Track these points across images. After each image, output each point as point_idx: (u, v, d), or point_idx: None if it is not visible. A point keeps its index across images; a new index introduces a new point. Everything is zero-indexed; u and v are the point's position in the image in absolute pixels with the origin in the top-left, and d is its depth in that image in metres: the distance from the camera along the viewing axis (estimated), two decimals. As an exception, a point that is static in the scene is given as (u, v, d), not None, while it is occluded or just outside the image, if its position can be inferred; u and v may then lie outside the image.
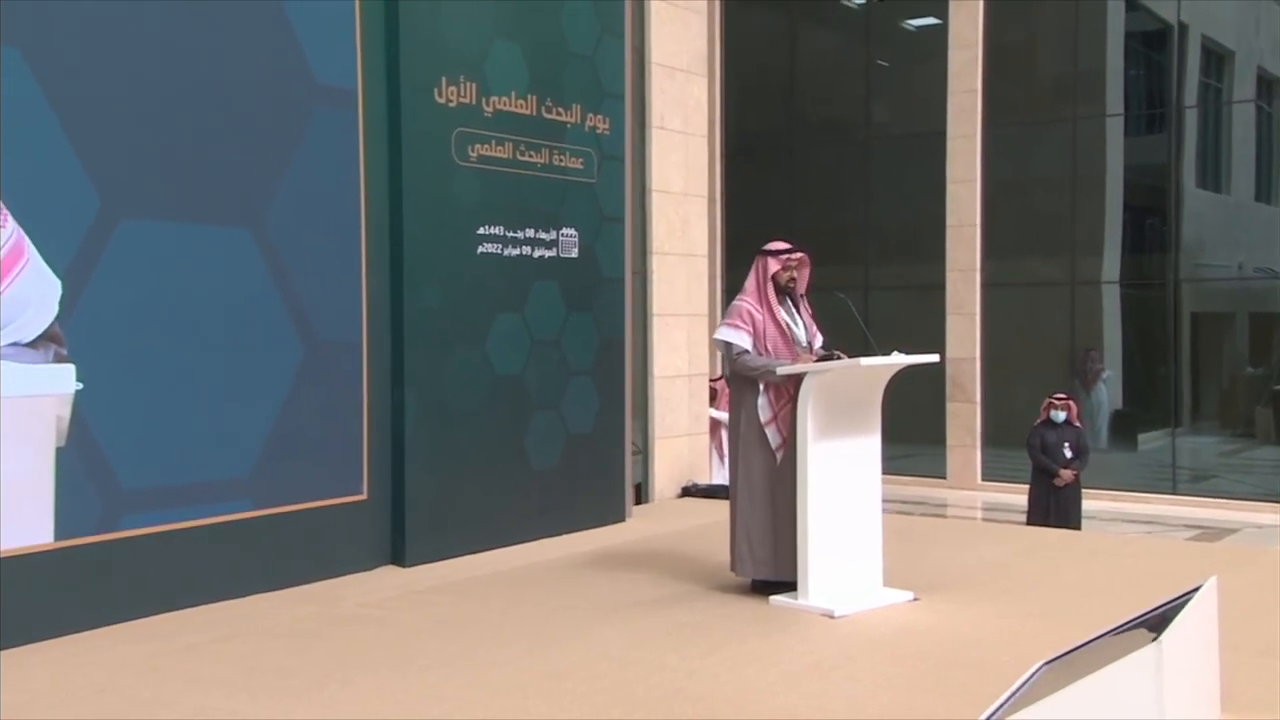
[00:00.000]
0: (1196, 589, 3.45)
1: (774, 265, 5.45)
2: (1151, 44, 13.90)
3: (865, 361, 4.98)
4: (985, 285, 13.37)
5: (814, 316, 5.65)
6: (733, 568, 5.38)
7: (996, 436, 13.08)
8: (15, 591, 4.49)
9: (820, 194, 14.72)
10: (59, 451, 4.68)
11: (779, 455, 5.22)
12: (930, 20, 13.83)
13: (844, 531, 5.11)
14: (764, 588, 5.29)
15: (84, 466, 4.75)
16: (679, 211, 10.03)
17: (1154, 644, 2.98)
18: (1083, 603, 5.10)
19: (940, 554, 6.34)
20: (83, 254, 4.74)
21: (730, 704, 3.85)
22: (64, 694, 3.99)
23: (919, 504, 12.11)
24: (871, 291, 14.22)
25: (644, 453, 9.23)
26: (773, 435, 5.24)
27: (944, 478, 13.49)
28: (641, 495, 8.97)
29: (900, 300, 14.05)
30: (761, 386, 5.25)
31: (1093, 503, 12.11)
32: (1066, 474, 8.70)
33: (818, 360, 5.13)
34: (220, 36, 5.19)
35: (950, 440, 13.48)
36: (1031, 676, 2.81)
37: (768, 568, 5.24)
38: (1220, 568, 5.98)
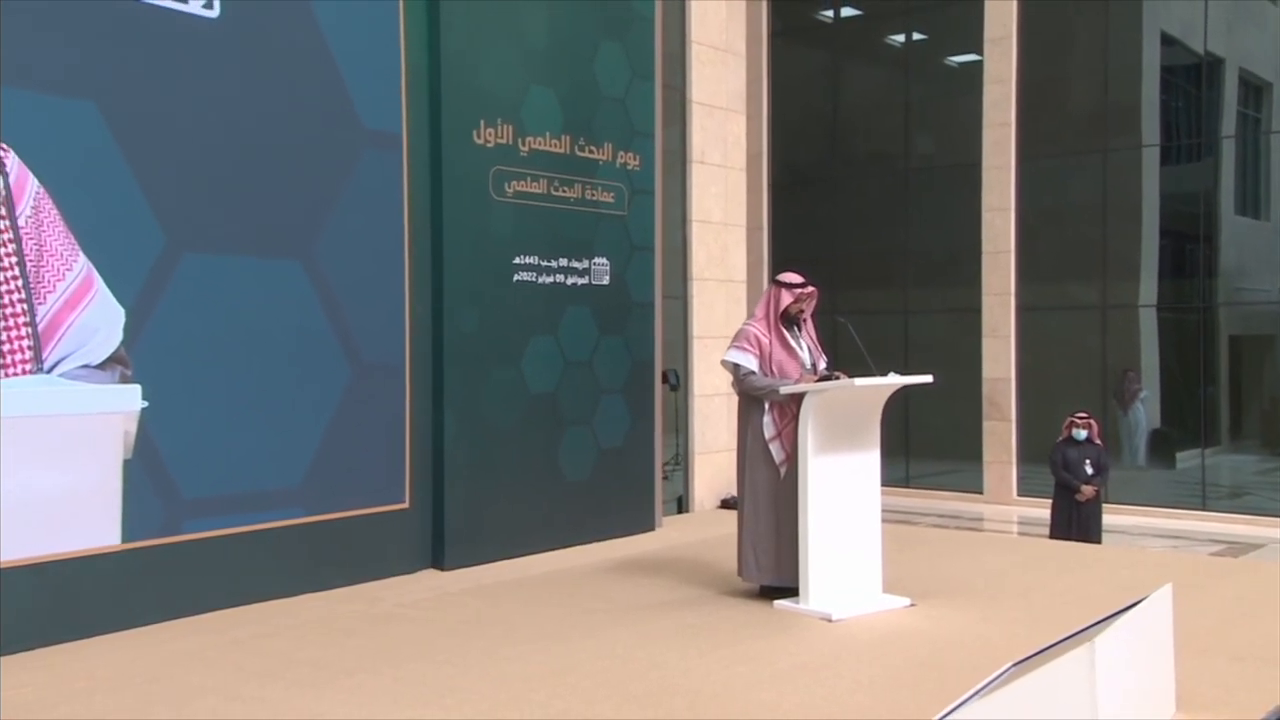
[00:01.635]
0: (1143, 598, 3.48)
1: (787, 298, 5.53)
2: (1188, 77, 13.71)
3: (860, 381, 5.05)
4: (1020, 309, 13.28)
5: (819, 340, 5.72)
6: (740, 573, 5.47)
7: (1031, 453, 12.92)
8: (86, 588, 4.75)
9: (863, 222, 14.73)
10: (126, 463, 4.92)
11: (782, 469, 5.32)
12: (972, 56, 13.81)
13: (843, 540, 5.18)
14: (771, 593, 5.37)
15: (149, 477, 4.99)
16: (718, 240, 10.17)
17: (1087, 644, 3.03)
18: (1068, 610, 5.08)
19: (943, 563, 6.36)
20: (149, 285, 5.00)
21: (717, 699, 3.95)
22: (121, 680, 4.21)
23: (954, 517, 12.04)
24: (911, 315, 14.20)
25: (684, 467, 9.36)
26: (776, 451, 5.33)
27: (981, 493, 13.38)
28: (682, 506, 9.11)
29: (938, 323, 14.01)
30: (766, 405, 5.35)
31: (1123, 518, 11.95)
32: (1088, 490, 8.63)
33: (818, 380, 5.21)
34: (276, 86, 5.44)
35: (987, 457, 13.37)
36: (998, 676, 2.89)
37: (771, 574, 5.33)
38: (1210, 579, 6.00)
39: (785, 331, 5.49)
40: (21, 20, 4.54)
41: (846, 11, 15.04)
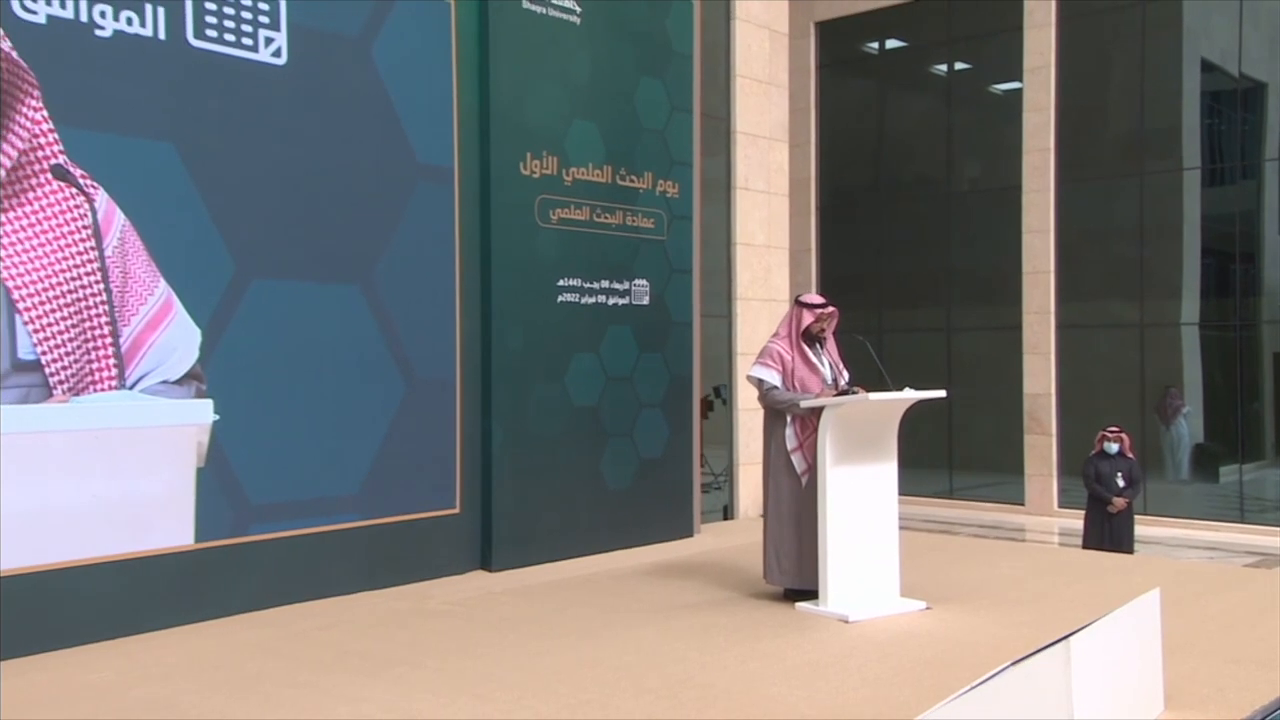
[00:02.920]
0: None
1: (808, 317, 5.58)
2: (1229, 102, 13.49)
3: (874, 396, 5.11)
4: (1059, 327, 13.16)
5: (841, 356, 5.78)
6: (765, 577, 5.55)
7: (1072, 466, 12.75)
8: (160, 584, 4.98)
9: (907, 243, 14.71)
10: (199, 471, 5.14)
11: (804, 479, 5.39)
12: (1012, 85, 13.75)
13: (861, 546, 5.23)
14: (795, 595, 5.44)
15: (220, 483, 5.21)
16: (761, 262, 10.26)
17: (1063, 643, 3.08)
18: (1079, 615, 5.02)
19: (964, 569, 6.36)
20: (221, 308, 5.23)
21: (727, 693, 4.04)
22: (189, 667, 4.41)
23: (995, 528, 11.93)
24: (954, 332, 14.13)
25: (729, 477, 9.46)
26: (798, 461, 5.41)
27: (1022, 504, 13.24)
28: (728, 514, 9.21)
29: (981, 340, 13.92)
30: (789, 418, 5.43)
31: (1162, 529, 11.76)
32: (1119, 502, 8.54)
33: (836, 395, 5.28)
34: (337, 125, 5.64)
35: (1028, 470, 13.24)
36: (994, 675, 2.95)
37: (794, 577, 5.40)
38: (1226, 587, 5.92)
39: (807, 348, 5.56)
40: (110, 71, 4.81)
41: (891, 43, 15.05)
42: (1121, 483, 8.63)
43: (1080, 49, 13.15)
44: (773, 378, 5.47)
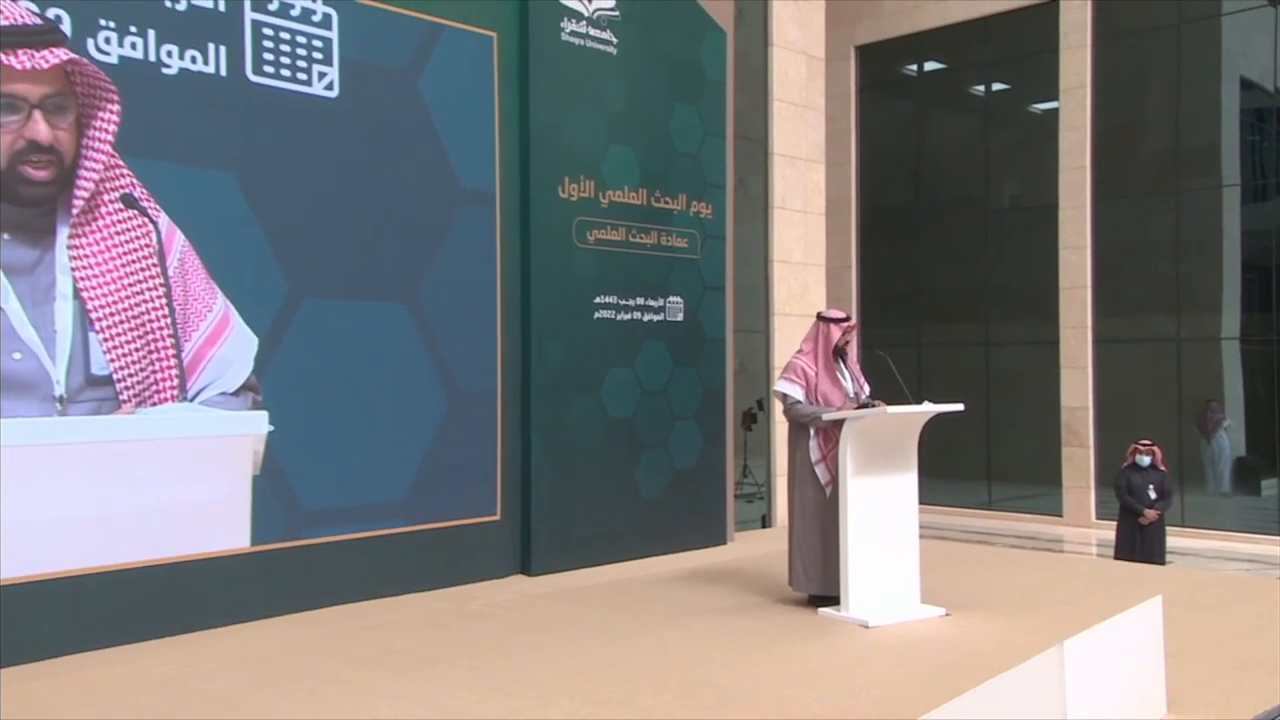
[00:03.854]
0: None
1: (836, 332, 5.61)
2: (1270, 119, 13.27)
3: (892, 409, 5.14)
4: (1097, 341, 13.01)
5: (863, 370, 5.82)
6: (790, 583, 5.59)
7: (1109, 478, 12.57)
8: (218, 584, 5.15)
9: (946, 260, 14.64)
10: (255, 478, 5.31)
11: (828, 490, 5.43)
12: (1049, 105, 13.66)
13: (882, 553, 5.25)
14: (819, 601, 5.47)
15: (274, 490, 5.37)
16: (799, 279, 10.30)
17: (1056, 647, 3.11)
18: (1092, 622, 5.03)
19: (989, 578, 6.33)
20: (276, 326, 5.41)
21: (744, 693, 4.10)
22: (241, 663, 4.57)
23: (1033, 539, 11.82)
24: (992, 347, 14.02)
25: (768, 486, 9.49)
26: (821, 473, 5.45)
27: (1060, 515, 13.09)
28: (765, 523, 9.24)
29: (1019, 354, 13.80)
30: (812, 431, 5.47)
31: (1200, 541, 11.55)
32: (1151, 514, 8.45)
33: (856, 409, 5.32)
34: (385, 153, 5.80)
35: (1066, 482, 13.09)
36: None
37: (818, 584, 5.44)
38: (1245, 597, 5.84)
39: (832, 364, 5.60)
40: (176, 106, 5.02)
41: (930, 66, 15.02)
42: (1153, 495, 8.54)
43: (1116, 69, 13.03)
44: (796, 392, 5.52)
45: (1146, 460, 8.66)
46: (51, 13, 4.64)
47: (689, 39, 7.33)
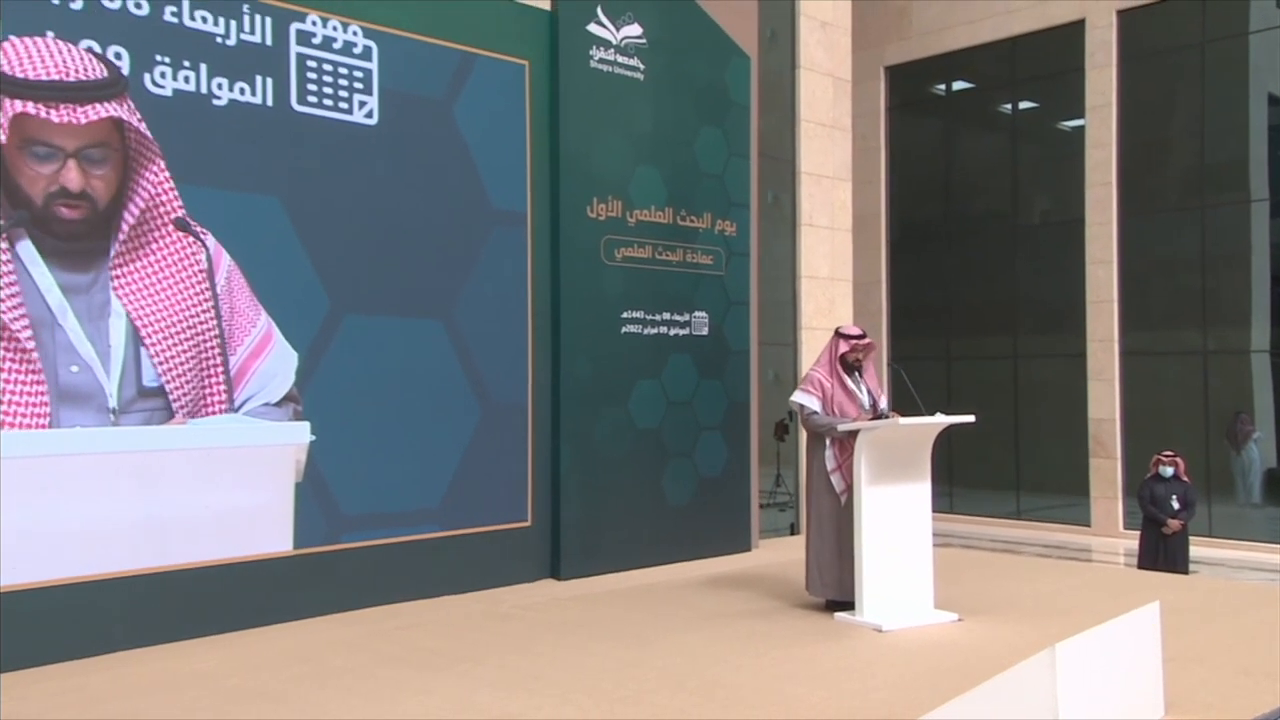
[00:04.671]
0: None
1: (844, 346, 5.66)
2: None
3: (904, 421, 5.17)
4: (1124, 354, 12.87)
5: (880, 384, 5.84)
6: (807, 588, 5.62)
7: (1136, 489, 12.44)
8: (262, 585, 5.29)
9: (975, 274, 14.57)
10: (297, 485, 5.45)
11: (843, 498, 5.46)
12: (1076, 122, 13.57)
13: (896, 560, 5.27)
14: (836, 606, 5.50)
15: (315, 496, 5.50)
16: (826, 294, 10.33)
17: (1049, 649, 3.13)
18: (1103, 628, 5.04)
19: (1005, 585, 6.31)
20: (318, 340, 5.55)
21: (755, 693, 4.15)
22: (281, 659, 4.70)
23: (1060, 548, 11.69)
24: (1021, 359, 13.91)
25: (796, 495, 9.51)
26: (837, 481, 5.48)
27: (1088, 526, 12.94)
28: (794, 530, 9.26)
29: (1047, 367, 13.69)
30: (828, 441, 5.51)
31: (1227, 551, 11.37)
32: (1174, 523, 8.37)
33: (870, 420, 5.35)
34: (421, 176, 5.93)
35: (1094, 492, 12.94)
36: None
37: (834, 589, 5.47)
38: (1255, 604, 5.78)
39: (846, 376, 5.63)
40: (225, 135, 5.20)
41: (958, 85, 14.98)
42: (1176, 505, 8.46)
43: (1142, 87, 12.92)
44: (813, 403, 5.56)
45: (1169, 471, 8.58)
46: (111, 50, 4.83)
47: (714, 64, 7.42)
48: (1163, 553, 8.48)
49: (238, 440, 5.29)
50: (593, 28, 6.69)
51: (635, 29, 6.91)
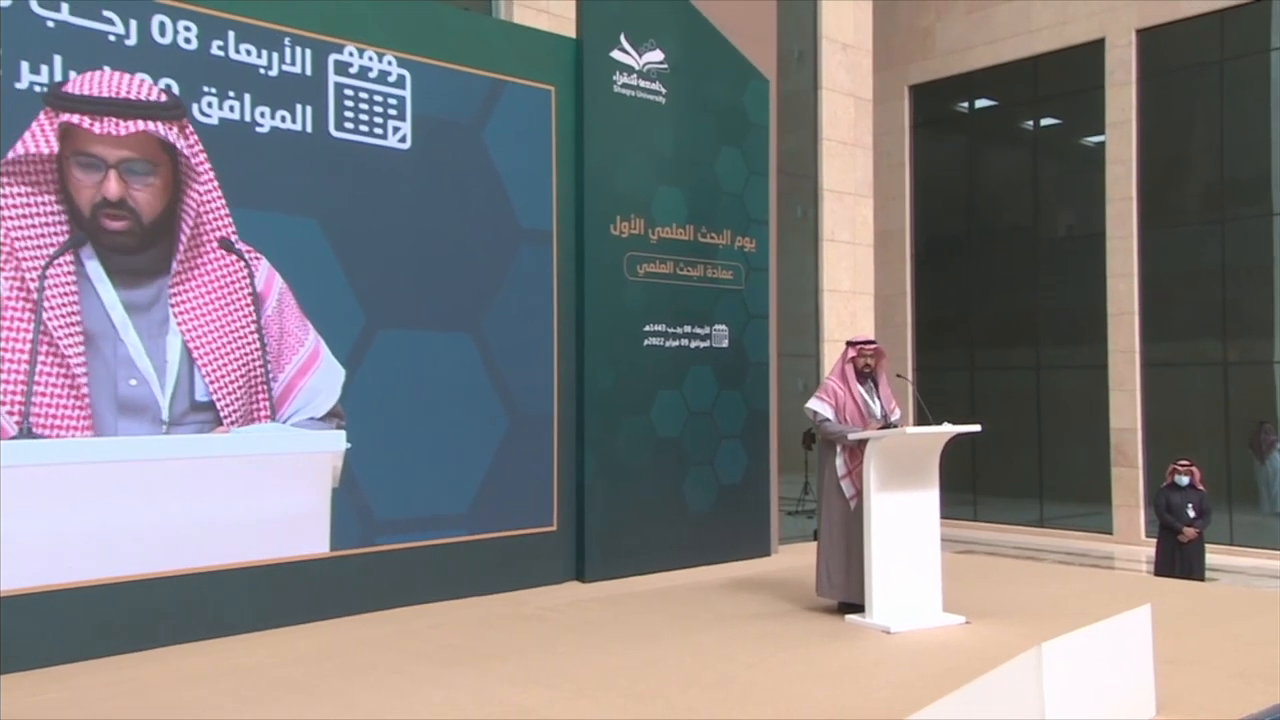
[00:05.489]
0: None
1: (852, 353, 5.72)
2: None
3: (910, 430, 5.21)
4: (1145, 365, 12.74)
5: (892, 393, 5.88)
6: (817, 591, 5.67)
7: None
8: (300, 585, 5.43)
9: (997, 287, 14.50)
10: (334, 490, 5.59)
11: (853, 503, 5.51)
12: (1096, 138, 13.49)
13: (904, 564, 5.31)
14: (848, 608, 5.54)
15: (350, 501, 5.64)
16: (848, 307, 10.36)
17: (1035, 649, 3.17)
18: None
19: (1016, 589, 6.31)
20: (354, 353, 5.68)
21: (764, 689, 4.21)
22: (316, 655, 4.82)
23: (1082, 555, 11.59)
24: (1043, 370, 13.81)
25: (820, 502, 9.52)
26: (847, 487, 5.53)
27: (1111, 533, 12.80)
28: (817, 535, 9.26)
29: (1069, 377, 13.58)
30: (839, 448, 5.56)
31: (1250, 560, 11.20)
32: (1190, 531, 8.30)
33: (879, 428, 5.39)
34: (452, 198, 6.05)
35: (1116, 500, 12.82)
36: None
37: (842, 591, 5.51)
38: (1261, 610, 5.71)
39: (859, 385, 5.68)
40: (267, 160, 5.37)
41: (981, 103, 14.94)
42: (1192, 513, 8.38)
43: (1162, 103, 12.82)
44: (826, 410, 5.62)
45: (1185, 480, 8.51)
46: (162, 82, 5.02)
47: (734, 87, 7.50)
48: (1179, 560, 8.40)
49: (278, 448, 5.44)
50: (616, 54, 6.81)
51: (657, 55, 7.02)
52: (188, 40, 5.13)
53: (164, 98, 5.06)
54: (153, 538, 5.00)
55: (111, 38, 4.90)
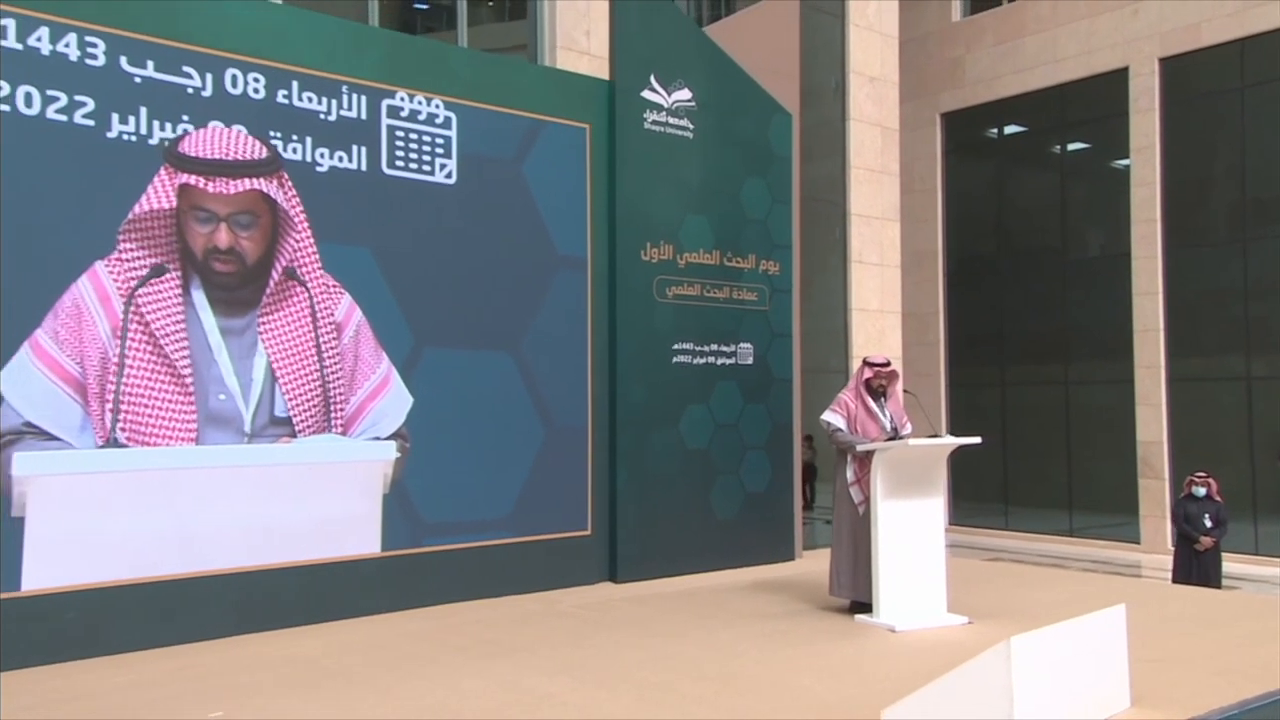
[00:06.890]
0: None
1: (868, 373, 5.80)
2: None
3: (913, 442, 5.27)
4: (1170, 380, 12.53)
5: (904, 408, 5.93)
6: (830, 591, 5.74)
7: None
8: (354, 582, 5.65)
9: (1027, 306, 14.37)
10: (385, 496, 5.82)
11: (861, 509, 5.58)
12: (1122, 162, 13.34)
13: (909, 567, 5.36)
14: (858, 608, 5.61)
15: (400, 506, 5.85)
16: (875, 325, 10.39)
17: (1004, 642, 3.23)
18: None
19: (1025, 593, 6.30)
20: (403, 371, 5.88)
21: (769, 682, 4.31)
22: (362, 647, 5.02)
23: (1107, 564, 11.41)
24: (1071, 385, 13.64)
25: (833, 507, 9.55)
26: (856, 494, 5.61)
27: (1138, 543, 12.58)
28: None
29: (1096, 392, 13.40)
30: (850, 457, 5.64)
31: (1267, 568, 10.92)
32: (1207, 541, 8.21)
33: (886, 440, 5.47)
34: (494, 227, 6.25)
35: (1143, 511, 12.61)
36: None
37: (848, 590, 5.59)
38: (1256, 614, 5.66)
39: (871, 400, 5.76)
40: (324, 196, 5.64)
41: (1010, 129, 14.86)
42: (1209, 523, 8.28)
43: (1184, 129, 12.65)
44: (838, 421, 5.71)
45: (1202, 491, 8.41)
46: (234, 128, 5.32)
47: (758, 122, 7.64)
48: (1196, 568, 8.29)
49: (335, 456, 5.68)
50: (647, 94, 7.00)
51: (685, 93, 7.19)
52: (256, 90, 5.43)
53: (265, 153, 5.38)
54: (222, 538, 5.26)
55: (190, 90, 5.22)
